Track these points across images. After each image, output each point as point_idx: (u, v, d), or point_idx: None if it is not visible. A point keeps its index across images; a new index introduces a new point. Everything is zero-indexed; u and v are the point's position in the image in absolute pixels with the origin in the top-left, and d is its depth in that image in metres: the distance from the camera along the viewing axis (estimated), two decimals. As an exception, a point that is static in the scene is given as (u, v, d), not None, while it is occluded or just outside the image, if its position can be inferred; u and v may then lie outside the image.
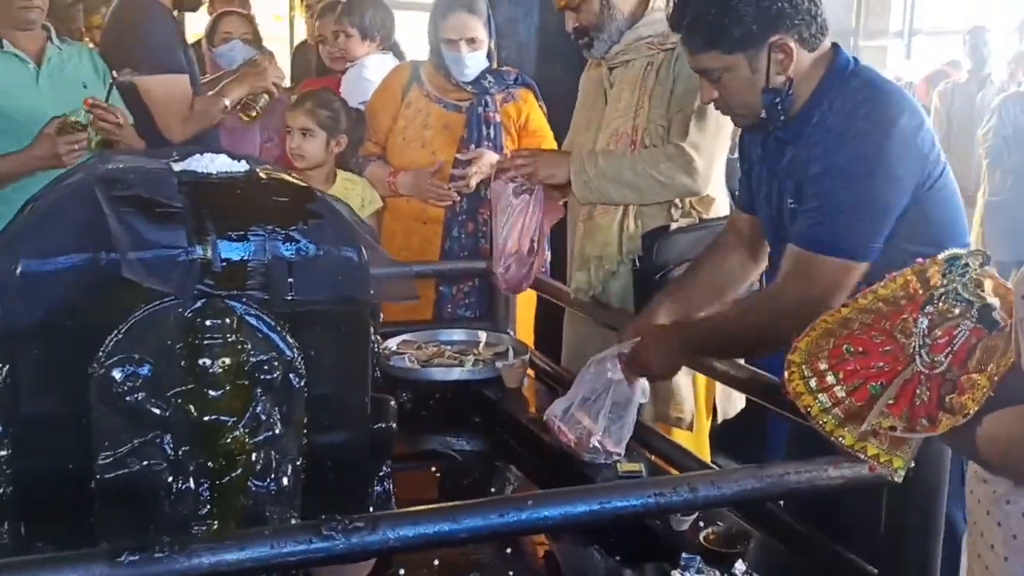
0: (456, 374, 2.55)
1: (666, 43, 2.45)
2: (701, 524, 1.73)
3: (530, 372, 2.61)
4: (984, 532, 1.28)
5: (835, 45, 1.87)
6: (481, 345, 2.75)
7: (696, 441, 2.50)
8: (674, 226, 2.45)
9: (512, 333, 2.91)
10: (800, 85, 1.83)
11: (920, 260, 1.28)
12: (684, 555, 1.55)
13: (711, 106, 2.17)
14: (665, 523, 1.74)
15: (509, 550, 1.79)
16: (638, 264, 2.49)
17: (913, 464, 1.39)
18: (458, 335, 2.83)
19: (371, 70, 3.47)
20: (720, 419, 2.64)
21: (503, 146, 3.06)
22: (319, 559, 1.14)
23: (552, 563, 1.83)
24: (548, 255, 3.05)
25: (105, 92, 2.69)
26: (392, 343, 2.71)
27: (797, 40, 1.80)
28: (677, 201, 2.43)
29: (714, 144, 2.42)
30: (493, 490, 2.13)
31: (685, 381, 2.49)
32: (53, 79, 2.66)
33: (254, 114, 3.13)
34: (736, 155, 2.31)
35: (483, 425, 2.45)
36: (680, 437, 2.42)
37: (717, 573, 1.53)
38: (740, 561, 1.56)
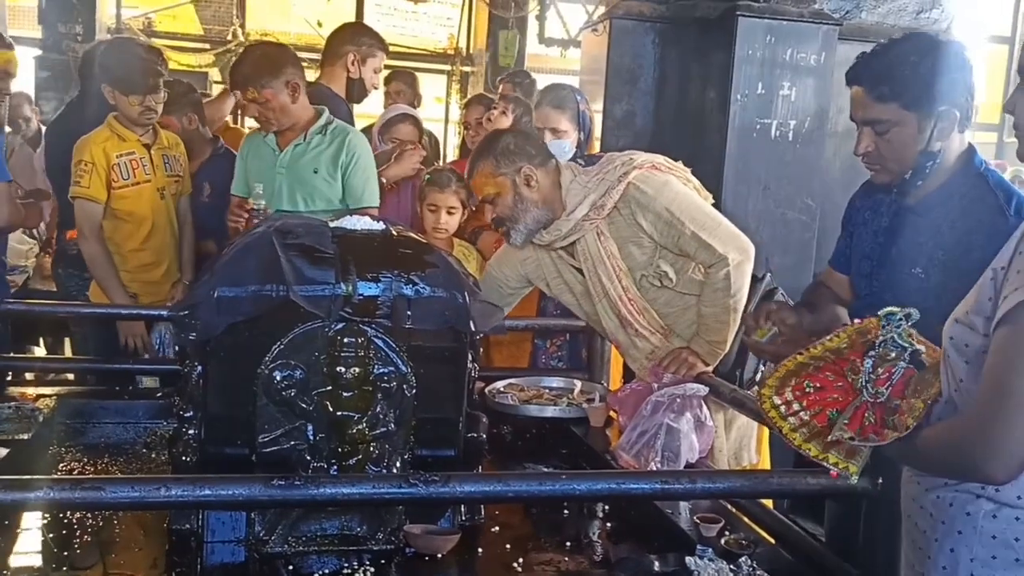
0: (549, 411, 3.00)
1: (601, 213, 2.68)
2: (727, 533, 2.09)
3: (613, 414, 3.01)
4: (917, 522, 1.59)
5: (970, 144, 2.09)
6: (576, 391, 3.18)
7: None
8: None
9: (606, 383, 3.33)
10: (943, 163, 2.05)
11: (857, 320, 1.66)
12: (699, 546, 1.93)
13: (689, 206, 2.52)
14: (697, 531, 2.11)
15: (569, 544, 2.20)
16: None
17: (881, 481, 1.74)
18: (557, 382, 3.28)
19: None
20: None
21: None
22: (405, 500, 1.58)
23: (607, 556, 2.21)
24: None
25: (340, 173, 3.31)
26: (500, 384, 3.17)
27: (959, 116, 2.02)
28: None
29: (717, 223, 2.67)
30: (567, 510, 2.50)
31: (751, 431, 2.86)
32: (289, 163, 3.32)
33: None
34: None
35: (569, 455, 2.84)
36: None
37: (724, 563, 1.89)
38: (746, 557, 1.92)
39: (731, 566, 1.89)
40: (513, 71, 7.17)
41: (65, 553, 2.05)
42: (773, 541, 2.07)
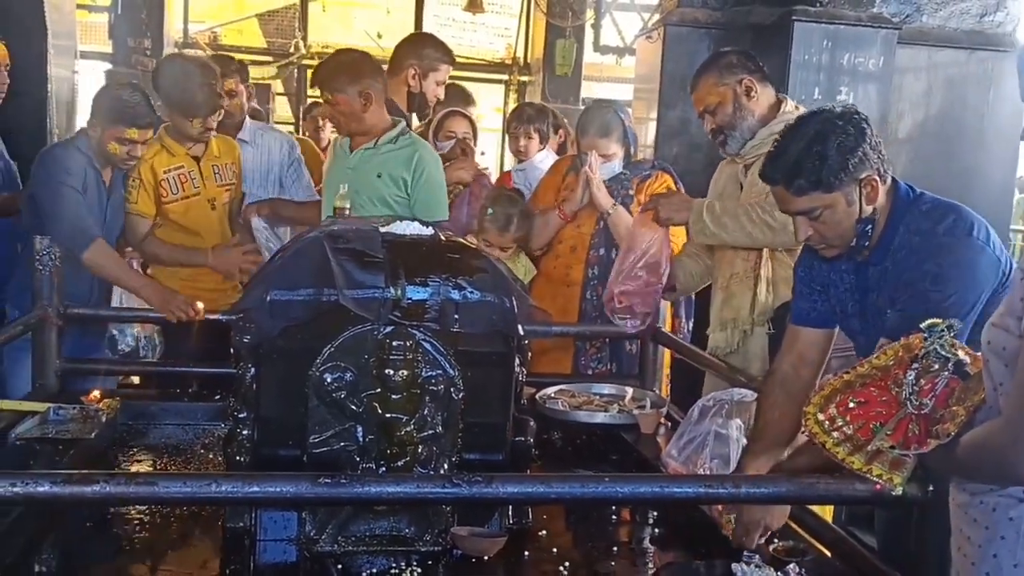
0: (600, 418, 2.99)
1: None
2: (776, 540, 2.06)
3: (664, 421, 2.99)
4: (963, 529, 1.58)
5: (893, 178, 2.14)
6: (627, 398, 3.17)
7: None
8: None
9: (657, 390, 3.31)
10: (878, 213, 2.09)
11: (905, 337, 1.64)
12: (746, 553, 1.91)
13: None
14: (745, 537, 2.09)
15: (616, 549, 2.20)
16: (772, 329, 2.87)
17: (932, 488, 1.71)
18: (608, 388, 3.27)
19: (542, 163, 4.15)
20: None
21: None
22: (448, 499, 1.60)
23: (653, 562, 2.21)
24: (690, 324, 3.49)
25: (403, 183, 3.37)
26: (551, 390, 3.18)
27: (878, 174, 2.07)
28: None
29: None
30: (614, 515, 2.46)
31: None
32: (356, 165, 3.41)
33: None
34: None
35: (619, 462, 2.83)
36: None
37: (771, 569, 1.87)
38: (794, 564, 1.90)
39: (779, 573, 1.87)
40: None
41: (125, 548, 2.11)
42: (823, 549, 2.05)
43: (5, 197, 3.63)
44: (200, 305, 3.13)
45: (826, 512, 2.83)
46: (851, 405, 1.65)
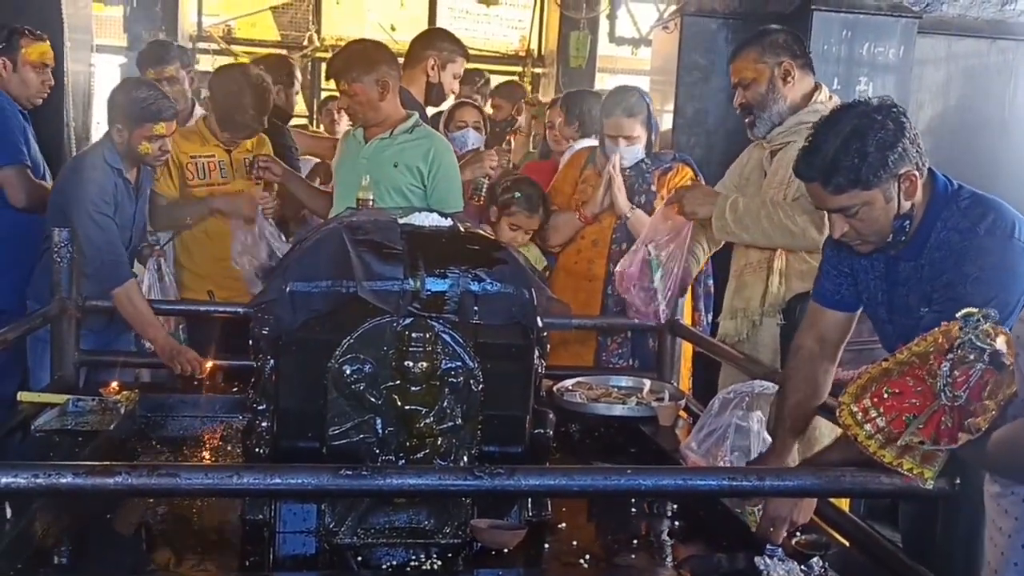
0: (618, 410, 2.97)
1: None
2: (798, 533, 2.05)
3: (683, 413, 2.98)
4: (995, 520, 1.57)
5: (931, 170, 2.08)
6: (645, 390, 3.15)
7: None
8: None
9: (675, 383, 3.29)
10: (915, 208, 2.05)
11: (945, 323, 1.61)
12: (768, 546, 1.89)
13: None
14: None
15: (636, 542, 2.18)
16: (783, 320, 2.85)
17: (959, 481, 1.69)
18: (626, 381, 3.25)
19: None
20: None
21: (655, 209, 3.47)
22: (470, 491, 1.59)
23: (674, 555, 2.19)
24: (710, 317, 3.48)
25: (419, 174, 3.35)
26: (568, 383, 3.16)
27: (916, 168, 2.01)
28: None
29: None
30: (634, 508, 2.44)
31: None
32: (371, 155, 3.40)
33: (480, 200, 3.78)
34: None
35: (637, 455, 2.82)
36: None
37: (794, 563, 1.86)
38: (817, 558, 1.88)
39: (802, 567, 1.85)
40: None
41: (144, 540, 2.11)
42: (846, 543, 2.03)
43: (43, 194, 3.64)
44: (208, 365, 3.13)
45: (842, 506, 2.82)
46: (885, 395, 1.64)
